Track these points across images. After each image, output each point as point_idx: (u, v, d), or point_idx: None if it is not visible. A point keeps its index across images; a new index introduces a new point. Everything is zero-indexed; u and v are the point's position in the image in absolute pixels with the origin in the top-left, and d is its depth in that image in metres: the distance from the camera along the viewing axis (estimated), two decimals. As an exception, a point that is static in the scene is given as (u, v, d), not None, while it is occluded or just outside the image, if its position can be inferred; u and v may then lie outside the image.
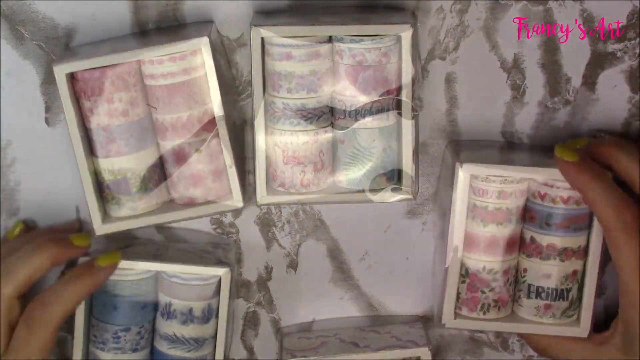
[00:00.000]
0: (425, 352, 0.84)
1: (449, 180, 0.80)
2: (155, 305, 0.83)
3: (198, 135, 0.79)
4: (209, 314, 0.82)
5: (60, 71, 0.77)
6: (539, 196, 0.79)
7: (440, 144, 0.84)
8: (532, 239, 0.80)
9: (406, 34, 0.76)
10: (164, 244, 0.85)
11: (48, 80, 0.82)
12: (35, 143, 0.84)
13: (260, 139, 0.79)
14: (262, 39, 0.77)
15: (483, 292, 0.81)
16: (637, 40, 0.82)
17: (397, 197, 0.80)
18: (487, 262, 0.80)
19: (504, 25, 0.82)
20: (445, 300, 0.81)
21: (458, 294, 0.81)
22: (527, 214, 0.80)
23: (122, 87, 0.78)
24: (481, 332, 0.88)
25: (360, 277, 0.87)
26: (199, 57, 0.77)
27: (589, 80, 0.83)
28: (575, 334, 0.81)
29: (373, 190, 0.80)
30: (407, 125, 0.78)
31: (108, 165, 0.79)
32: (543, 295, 0.81)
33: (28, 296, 0.78)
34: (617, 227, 0.75)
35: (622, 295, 0.77)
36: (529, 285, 0.81)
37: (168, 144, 0.79)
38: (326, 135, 0.79)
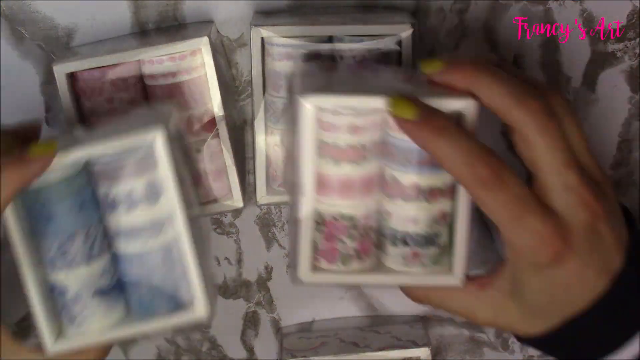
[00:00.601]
0: (425, 352, 0.84)
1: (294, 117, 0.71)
2: (97, 203, 0.72)
3: (198, 135, 0.79)
4: (156, 191, 0.71)
5: (60, 71, 0.77)
6: (395, 128, 0.70)
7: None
8: (394, 179, 0.71)
9: (406, 34, 0.76)
10: (83, 133, 0.75)
11: (48, 80, 0.82)
12: (35, 143, 0.84)
13: (260, 139, 0.79)
14: (262, 38, 0.77)
15: (342, 242, 0.73)
16: (637, 40, 0.82)
17: None
18: (343, 207, 0.72)
19: (504, 25, 0.82)
20: (300, 252, 0.72)
21: (315, 245, 0.73)
22: (386, 150, 0.71)
23: (122, 87, 0.78)
24: (353, 286, 0.79)
25: (360, 277, 0.87)
26: (199, 57, 0.77)
27: (589, 80, 0.83)
28: (448, 282, 0.73)
29: None
30: None
31: None
32: (410, 241, 0.72)
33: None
34: (475, 184, 0.66)
35: (508, 250, 0.70)
36: (394, 232, 0.73)
37: (168, 144, 0.79)
38: None
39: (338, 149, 0.70)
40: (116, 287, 0.73)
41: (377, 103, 0.69)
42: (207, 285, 0.73)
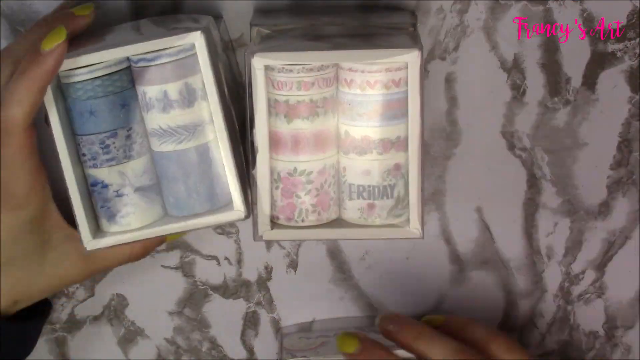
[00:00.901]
0: None
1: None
2: (138, 104, 0.75)
3: None
4: (190, 95, 0.74)
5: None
6: (346, 83, 0.73)
7: (441, 144, 0.84)
8: (347, 133, 0.74)
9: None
10: (132, 26, 0.78)
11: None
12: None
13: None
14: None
15: (298, 197, 0.75)
16: (637, 40, 0.82)
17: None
18: (297, 162, 0.75)
19: (504, 25, 0.82)
20: (259, 209, 0.75)
21: (274, 202, 0.76)
22: (338, 106, 0.75)
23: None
24: (313, 240, 0.84)
25: (360, 277, 0.87)
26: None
27: (589, 80, 0.83)
28: (405, 235, 0.76)
29: None
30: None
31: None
32: (365, 194, 0.75)
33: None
34: None
35: None
36: (350, 185, 0.75)
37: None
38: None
39: (289, 106, 0.73)
40: (156, 186, 0.76)
41: (325, 59, 0.72)
42: (243, 187, 0.76)
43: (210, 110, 0.74)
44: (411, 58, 0.72)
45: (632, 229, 0.86)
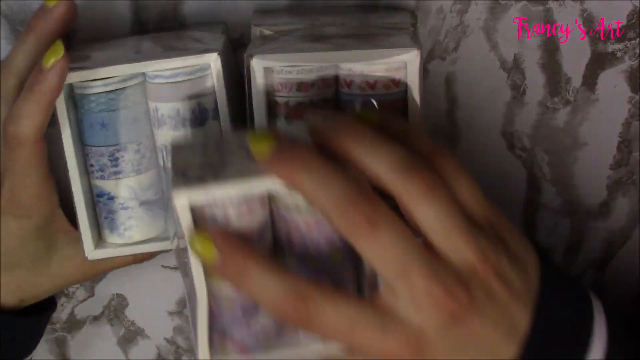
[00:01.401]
0: None
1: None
2: (149, 119, 0.76)
3: None
4: (202, 115, 0.74)
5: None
6: (346, 84, 0.73)
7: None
8: None
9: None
10: (143, 39, 0.79)
11: (48, 80, 0.82)
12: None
13: None
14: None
15: None
16: (637, 40, 0.82)
17: None
18: None
19: (504, 25, 0.82)
20: None
21: None
22: (338, 107, 0.74)
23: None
24: None
25: (360, 277, 0.87)
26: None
27: (589, 80, 0.83)
28: None
29: None
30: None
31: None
32: None
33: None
34: (348, 231, 0.59)
35: None
36: None
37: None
38: None
39: (289, 108, 0.73)
40: (160, 200, 0.77)
41: (324, 60, 0.72)
42: None
43: (220, 130, 0.74)
44: (410, 57, 0.72)
45: (632, 229, 0.86)
